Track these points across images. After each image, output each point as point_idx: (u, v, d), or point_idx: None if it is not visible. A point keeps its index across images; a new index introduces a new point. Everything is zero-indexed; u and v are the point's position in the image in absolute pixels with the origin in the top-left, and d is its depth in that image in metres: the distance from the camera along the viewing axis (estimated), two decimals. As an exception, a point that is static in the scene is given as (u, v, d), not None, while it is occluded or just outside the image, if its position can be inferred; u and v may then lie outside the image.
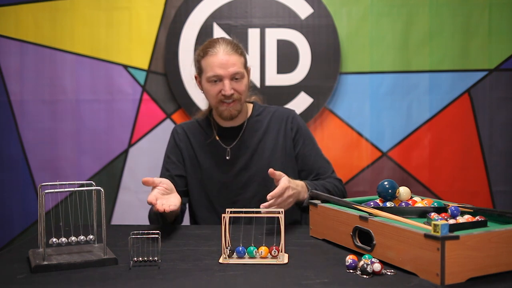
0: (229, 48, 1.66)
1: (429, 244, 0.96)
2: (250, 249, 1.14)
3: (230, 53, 1.65)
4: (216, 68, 1.64)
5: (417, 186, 2.40)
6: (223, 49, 1.65)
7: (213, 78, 1.65)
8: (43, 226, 1.12)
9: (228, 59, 1.64)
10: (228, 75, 1.64)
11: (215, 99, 1.69)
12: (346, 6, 2.39)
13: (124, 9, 2.42)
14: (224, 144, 1.77)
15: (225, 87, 1.64)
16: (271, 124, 1.79)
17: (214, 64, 1.64)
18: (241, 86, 1.68)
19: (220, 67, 1.64)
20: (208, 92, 1.70)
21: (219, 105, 1.69)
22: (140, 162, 2.45)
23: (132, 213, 2.46)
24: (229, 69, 1.64)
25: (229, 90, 1.65)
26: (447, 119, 2.40)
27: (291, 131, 1.78)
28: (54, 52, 2.43)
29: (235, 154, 1.75)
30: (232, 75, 1.65)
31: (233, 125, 1.78)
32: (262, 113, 1.81)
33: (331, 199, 1.36)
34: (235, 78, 1.66)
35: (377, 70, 2.40)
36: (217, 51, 1.65)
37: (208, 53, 1.66)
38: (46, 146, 2.45)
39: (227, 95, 1.65)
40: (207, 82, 1.68)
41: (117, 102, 2.44)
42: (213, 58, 1.64)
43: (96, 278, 1.03)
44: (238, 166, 1.75)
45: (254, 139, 1.76)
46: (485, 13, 2.37)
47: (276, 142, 1.76)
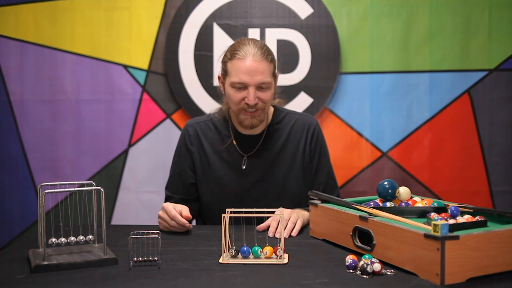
0: (259, 54, 1.53)
1: (429, 244, 0.96)
2: (254, 249, 1.14)
3: (258, 60, 1.52)
4: (242, 75, 1.52)
5: (417, 186, 2.40)
6: (252, 55, 1.52)
7: (238, 85, 1.54)
8: (43, 226, 1.12)
9: (257, 67, 1.52)
10: (254, 83, 1.52)
11: (237, 106, 1.57)
12: (346, 6, 2.39)
13: (124, 9, 2.42)
14: (241, 151, 1.66)
15: (249, 96, 1.53)
16: (292, 135, 1.68)
17: (241, 70, 1.52)
18: (266, 95, 1.56)
19: (246, 74, 1.52)
20: (230, 97, 1.58)
21: (241, 112, 1.58)
22: (140, 162, 2.45)
23: (132, 213, 2.46)
24: (256, 77, 1.52)
25: (254, 100, 1.53)
26: (447, 119, 2.40)
27: (310, 143, 1.69)
28: (54, 52, 2.43)
29: (251, 164, 1.65)
30: (259, 84, 1.53)
31: (252, 133, 1.67)
32: (283, 121, 1.70)
33: (331, 199, 1.36)
34: (261, 88, 1.54)
35: (377, 70, 2.40)
36: (245, 55, 1.52)
37: (236, 56, 1.54)
38: (46, 146, 2.45)
39: (250, 105, 1.54)
40: (231, 87, 1.56)
41: (117, 102, 2.44)
42: (241, 63, 1.52)
43: (96, 278, 1.03)
44: (254, 178, 1.65)
45: (273, 149, 1.66)
46: (485, 13, 2.37)
47: (295, 154, 1.67)
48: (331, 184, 1.72)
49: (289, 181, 1.66)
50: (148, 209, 2.45)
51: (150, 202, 2.45)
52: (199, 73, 2.41)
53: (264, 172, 1.65)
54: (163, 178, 2.43)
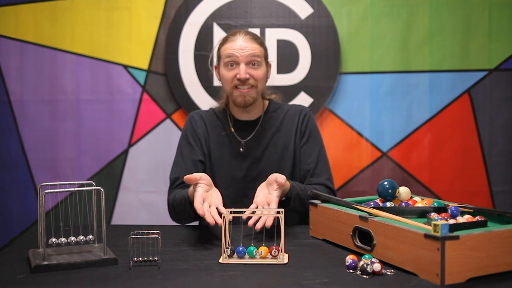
0: (249, 36, 1.67)
1: (429, 244, 0.96)
2: (250, 249, 1.14)
3: (248, 40, 1.66)
4: (232, 51, 1.64)
5: (417, 186, 2.40)
6: (242, 36, 1.66)
7: (229, 61, 1.64)
8: (43, 226, 1.12)
9: (246, 45, 1.64)
10: (244, 58, 1.63)
11: (230, 84, 1.67)
12: (346, 6, 2.39)
13: (124, 9, 2.42)
14: (239, 137, 1.76)
15: (240, 71, 1.63)
16: (285, 120, 1.78)
17: (231, 47, 1.64)
18: (257, 72, 1.66)
19: (236, 50, 1.64)
20: (223, 77, 1.69)
21: (234, 90, 1.67)
22: (140, 162, 2.45)
23: (132, 213, 2.46)
24: (246, 53, 1.63)
25: (244, 74, 1.63)
26: (447, 119, 2.40)
27: (301, 125, 1.77)
28: (54, 52, 2.43)
29: (248, 148, 1.74)
30: (249, 58, 1.64)
31: (249, 118, 1.77)
32: (278, 110, 1.80)
33: (331, 199, 1.36)
34: (252, 64, 1.65)
35: (377, 70, 2.40)
36: (236, 37, 1.66)
37: (228, 40, 1.68)
38: (46, 146, 2.45)
39: (242, 79, 1.63)
40: (224, 67, 1.67)
41: (117, 102, 2.44)
42: (232, 43, 1.65)
43: (96, 278, 1.03)
44: (250, 160, 1.73)
45: (268, 134, 1.76)
46: (485, 13, 2.37)
47: (289, 138, 1.75)
48: (322, 165, 1.74)
49: (283, 163, 1.73)
50: (148, 209, 2.46)
51: (150, 202, 2.45)
52: (199, 73, 2.41)
53: (260, 155, 1.74)
54: (163, 178, 2.44)
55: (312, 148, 1.76)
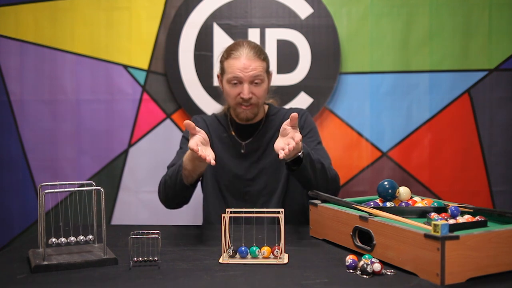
0: (252, 53, 1.70)
1: (429, 244, 0.96)
2: (252, 249, 1.14)
3: (252, 58, 1.69)
4: (237, 71, 1.69)
5: (417, 186, 2.40)
6: (246, 54, 1.69)
7: (233, 81, 1.70)
8: (43, 226, 1.12)
9: (250, 64, 1.69)
10: (247, 79, 1.69)
11: (234, 100, 1.74)
12: (346, 6, 2.39)
13: (124, 9, 2.42)
14: (240, 139, 1.82)
15: (244, 91, 1.69)
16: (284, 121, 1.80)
17: (236, 67, 1.69)
18: (259, 90, 1.72)
19: (241, 71, 1.68)
20: (227, 93, 1.75)
21: (237, 107, 1.75)
22: (140, 162, 2.45)
23: (132, 213, 2.46)
24: (250, 73, 1.68)
25: (248, 94, 1.69)
26: (447, 119, 2.40)
27: (299, 123, 1.80)
28: (54, 52, 2.43)
29: (249, 149, 1.81)
30: (252, 78, 1.69)
31: (250, 123, 1.83)
32: (277, 114, 1.86)
33: (331, 199, 1.36)
34: (254, 82, 1.70)
35: (377, 70, 2.40)
36: (240, 54, 1.70)
37: (231, 55, 1.71)
38: (46, 146, 2.45)
39: (245, 99, 1.70)
40: (227, 83, 1.73)
41: (117, 102, 2.44)
42: (235, 61, 1.69)
43: (96, 278, 1.03)
44: (251, 159, 1.80)
45: (268, 136, 1.82)
46: (485, 13, 2.37)
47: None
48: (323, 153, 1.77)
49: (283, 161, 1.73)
50: (148, 209, 2.46)
51: (150, 202, 2.45)
52: (199, 73, 2.41)
53: (260, 155, 1.80)
54: (163, 178, 2.44)
55: (312, 140, 1.81)
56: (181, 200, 1.70)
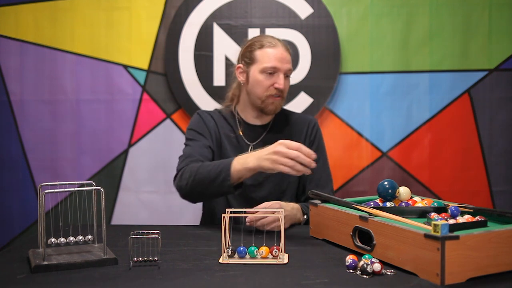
0: (285, 47, 1.71)
1: (429, 244, 0.96)
2: (251, 249, 1.14)
3: (285, 51, 1.70)
4: (275, 60, 1.66)
5: (417, 186, 2.40)
6: (282, 45, 1.70)
7: (270, 70, 1.67)
8: (43, 226, 1.12)
9: (286, 56, 1.69)
10: (283, 70, 1.68)
11: (266, 91, 1.69)
12: (346, 6, 2.39)
13: (124, 9, 2.42)
14: (247, 140, 1.77)
15: (279, 81, 1.66)
16: (294, 128, 1.79)
17: (274, 56, 1.67)
18: (288, 84, 1.72)
19: (279, 61, 1.66)
20: (259, 82, 1.69)
21: (268, 98, 1.69)
22: (140, 162, 2.45)
23: (132, 213, 2.46)
24: (285, 64, 1.68)
25: (283, 85, 1.67)
26: (447, 119, 2.40)
27: (310, 136, 1.79)
28: (54, 52, 2.43)
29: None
30: (286, 71, 1.69)
31: (259, 123, 1.79)
32: (287, 117, 1.83)
33: (331, 199, 1.36)
34: (286, 75, 1.70)
35: (377, 70, 2.40)
36: (276, 44, 1.69)
37: (267, 45, 1.69)
38: (46, 146, 2.45)
39: (281, 89, 1.67)
40: (260, 72, 1.68)
41: (117, 102, 2.44)
42: (274, 50, 1.68)
43: (96, 278, 1.03)
44: None
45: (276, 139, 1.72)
46: (485, 13, 2.37)
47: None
48: (326, 181, 1.77)
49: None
50: (148, 209, 2.46)
51: (150, 202, 2.45)
52: (199, 73, 2.41)
53: None
54: (163, 178, 2.44)
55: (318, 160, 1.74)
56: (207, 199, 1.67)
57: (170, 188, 2.45)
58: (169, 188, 2.45)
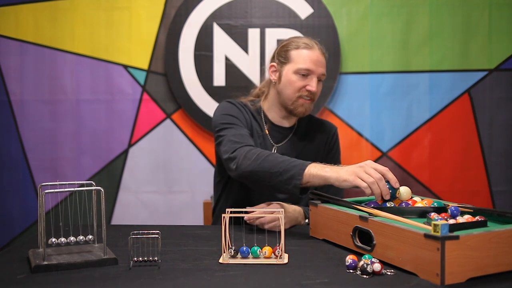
0: (321, 50, 1.70)
1: (429, 244, 0.96)
2: (254, 249, 1.14)
3: (322, 54, 1.69)
4: (310, 62, 1.64)
5: (417, 186, 2.40)
6: (319, 48, 1.69)
7: (303, 72, 1.64)
8: (43, 226, 1.12)
9: (322, 59, 1.68)
10: (317, 73, 1.66)
11: (297, 92, 1.66)
12: (346, 6, 2.39)
13: (124, 9, 2.42)
14: (272, 141, 1.75)
15: (312, 84, 1.64)
16: (318, 133, 1.79)
17: (310, 58, 1.65)
18: (320, 88, 1.70)
19: (314, 63, 1.65)
20: (292, 83, 1.66)
21: (297, 99, 1.67)
22: (140, 162, 2.45)
23: (132, 213, 2.46)
24: (320, 68, 1.66)
25: (316, 88, 1.65)
26: (447, 119, 2.40)
27: (330, 142, 1.80)
28: (54, 52, 2.43)
29: (281, 153, 1.70)
30: (320, 75, 1.67)
31: (285, 125, 1.77)
32: (310, 121, 1.82)
33: (331, 199, 1.36)
34: (319, 80, 1.68)
35: (377, 70, 2.40)
36: (312, 46, 1.67)
37: (302, 46, 1.67)
38: (46, 146, 2.45)
39: (312, 92, 1.65)
40: (293, 73, 1.66)
41: (117, 102, 2.44)
42: (310, 51, 1.66)
43: (96, 278, 1.03)
44: None
45: (301, 143, 1.76)
46: (485, 13, 2.37)
47: (318, 151, 1.77)
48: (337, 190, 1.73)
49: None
50: (148, 209, 2.46)
51: (150, 202, 2.45)
52: (199, 73, 2.41)
53: None
54: (163, 178, 2.44)
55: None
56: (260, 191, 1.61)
57: (170, 188, 2.45)
58: (169, 188, 2.45)
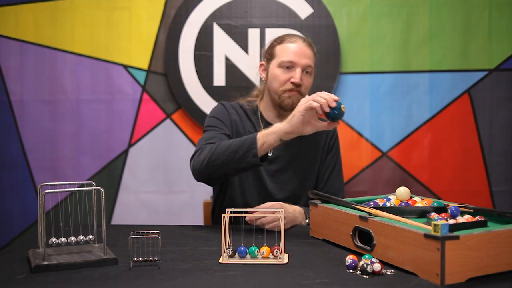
0: (306, 43, 1.69)
1: (429, 244, 0.96)
2: (252, 249, 1.14)
3: (306, 46, 1.67)
4: (292, 55, 1.64)
5: (417, 186, 2.40)
6: (302, 40, 1.68)
7: (286, 64, 1.64)
8: (43, 226, 1.12)
9: (305, 51, 1.66)
10: (301, 64, 1.64)
11: (282, 85, 1.65)
12: (346, 6, 2.39)
13: (124, 9, 2.42)
14: None
15: (296, 75, 1.63)
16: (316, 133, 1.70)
17: (291, 50, 1.64)
18: (309, 81, 1.68)
19: (296, 55, 1.64)
20: (276, 77, 1.66)
21: (283, 92, 1.65)
22: (140, 162, 2.45)
23: (132, 213, 2.46)
24: (304, 59, 1.64)
25: (299, 80, 1.63)
26: (447, 119, 2.40)
27: (329, 142, 1.77)
28: (54, 52, 2.43)
29: (277, 154, 1.70)
30: (305, 66, 1.65)
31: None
32: None
33: (331, 199, 1.36)
34: (306, 71, 1.66)
35: (377, 70, 2.40)
36: (295, 40, 1.67)
37: (286, 40, 1.68)
38: (46, 146, 2.45)
39: (297, 83, 1.63)
40: (278, 67, 1.66)
41: (117, 102, 2.44)
42: (291, 45, 1.66)
43: (96, 278, 1.03)
44: (277, 166, 1.70)
45: (298, 143, 1.71)
46: (485, 13, 2.37)
47: (316, 152, 1.75)
48: (338, 189, 1.76)
49: (308, 176, 1.73)
50: (148, 209, 2.46)
51: (150, 202, 2.45)
52: (199, 73, 2.41)
53: (287, 163, 1.71)
54: (163, 178, 2.44)
55: (334, 166, 1.76)
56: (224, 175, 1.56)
57: (170, 188, 2.45)
58: (169, 188, 2.45)
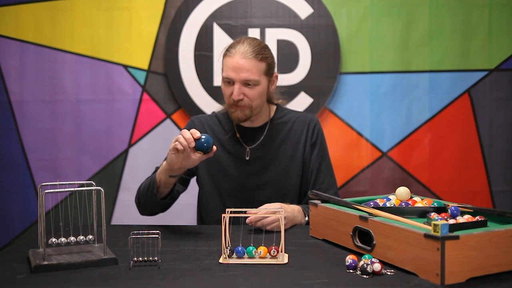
0: (249, 52, 1.59)
1: (429, 244, 0.96)
2: (249, 249, 1.14)
3: (247, 57, 1.58)
4: (229, 70, 1.60)
5: (417, 186, 2.40)
6: (241, 52, 1.59)
7: (226, 80, 1.62)
8: (43, 226, 1.12)
9: (243, 64, 1.58)
10: (239, 79, 1.59)
11: (227, 100, 1.65)
12: (346, 6, 2.39)
13: (124, 9, 2.42)
14: (244, 143, 1.72)
15: (234, 91, 1.60)
16: (294, 129, 1.74)
17: (228, 67, 1.60)
18: (253, 93, 1.61)
19: (233, 70, 1.59)
20: (223, 91, 1.67)
21: (230, 107, 1.65)
22: (140, 162, 2.45)
23: (132, 213, 2.45)
24: (241, 74, 1.58)
25: (237, 96, 1.59)
26: (447, 119, 2.40)
27: (311, 137, 1.74)
28: (54, 52, 2.43)
29: (254, 155, 1.70)
30: (244, 81, 1.59)
31: (253, 125, 1.73)
32: (285, 116, 1.76)
33: (331, 199, 1.36)
34: (247, 84, 1.60)
35: (377, 70, 2.40)
36: (235, 53, 1.60)
37: (227, 53, 1.63)
38: (46, 146, 2.45)
39: (235, 100, 1.60)
40: (222, 82, 1.65)
41: (117, 102, 2.44)
42: (229, 59, 1.60)
43: (96, 278, 1.03)
44: (256, 168, 1.69)
45: (275, 142, 1.71)
46: (485, 13, 2.37)
47: (297, 148, 1.72)
48: (330, 183, 1.74)
49: (290, 173, 1.71)
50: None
51: (150, 202, 2.45)
52: (199, 73, 2.41)
53: (266, 163, 1.70)
54: (163, 178, 2.44)
55: (320, 163, 1.74)
56: (154, 211, 1.68)
57: (170, 188, 2.45)
58: (169, 188, 2.45)
